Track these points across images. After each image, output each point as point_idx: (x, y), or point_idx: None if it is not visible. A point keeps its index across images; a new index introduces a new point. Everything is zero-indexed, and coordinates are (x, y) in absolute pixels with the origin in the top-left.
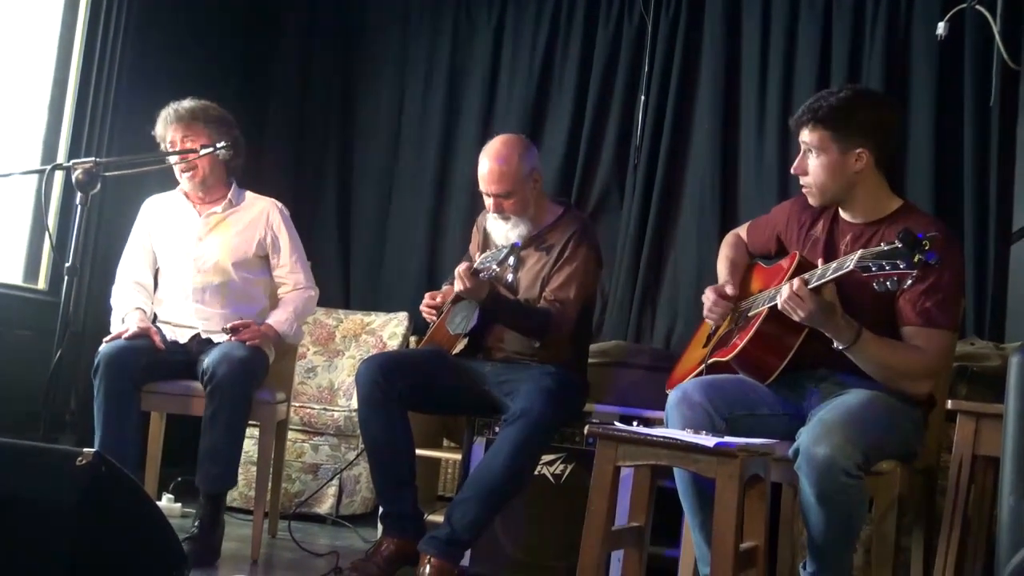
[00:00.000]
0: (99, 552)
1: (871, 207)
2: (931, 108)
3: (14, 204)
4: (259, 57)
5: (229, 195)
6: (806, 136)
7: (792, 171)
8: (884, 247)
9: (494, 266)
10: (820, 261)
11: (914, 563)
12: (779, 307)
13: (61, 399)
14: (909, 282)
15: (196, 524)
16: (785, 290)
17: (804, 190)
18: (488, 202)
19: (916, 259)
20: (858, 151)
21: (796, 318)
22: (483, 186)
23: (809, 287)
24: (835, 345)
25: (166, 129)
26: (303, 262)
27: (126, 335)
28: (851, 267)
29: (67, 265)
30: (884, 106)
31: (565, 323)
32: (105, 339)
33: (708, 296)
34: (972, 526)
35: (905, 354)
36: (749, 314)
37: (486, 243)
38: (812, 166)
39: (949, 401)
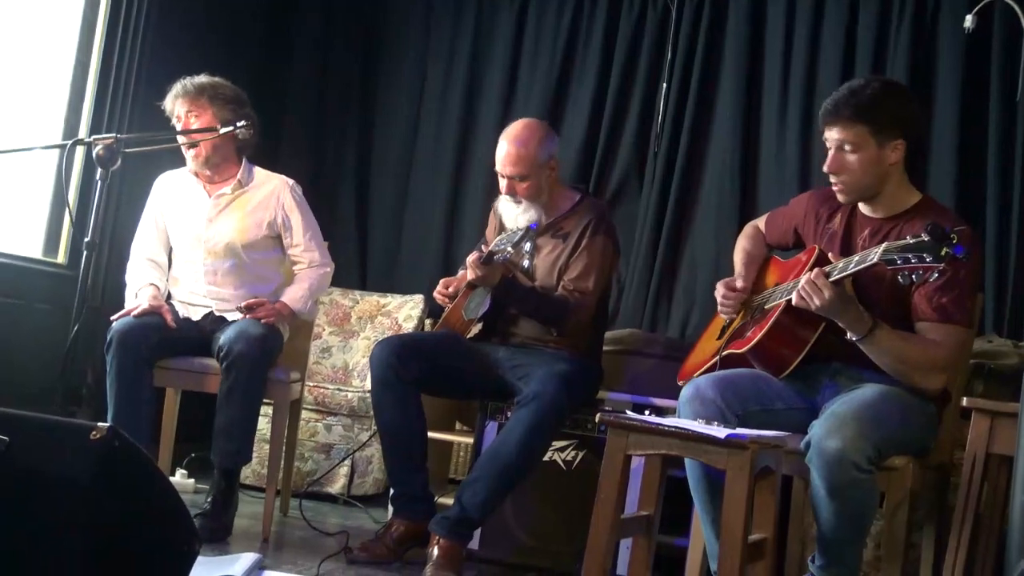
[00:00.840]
0: (111, 525)
1: (893, 202)
2: (956, 101)
3: (35, 179)
4: (280, 38)
5: (239, 175)
6: (839, 132)
7: (825, 169)
8: (910, 240)
9: (509, 248)
10: (837, 254)
11: (924, 560)
12: (795, 298)
13: (78, 373)
14: (935, 275)
15: (209, 500)
16: (803, 279)
17: (836, 188)
18: (502, 183)
19: (943, 252)
20: (895, 143)
21: (812, 307)
22: (499, 167)
23: (830, 279)
24: (848, 336)
25: (173, 103)
26: (318, 239)
27: (135, 312)
28: (875, 260)
29: (86, 240)
30: (913, 97)
31: (584, 312)
32: (114, 317)
33: (719, 290)
34: (984, 524)
35: (920, 347)
36: (766, 307)
37: (501, 227)
38: (849, 162)
39: (964, 398)
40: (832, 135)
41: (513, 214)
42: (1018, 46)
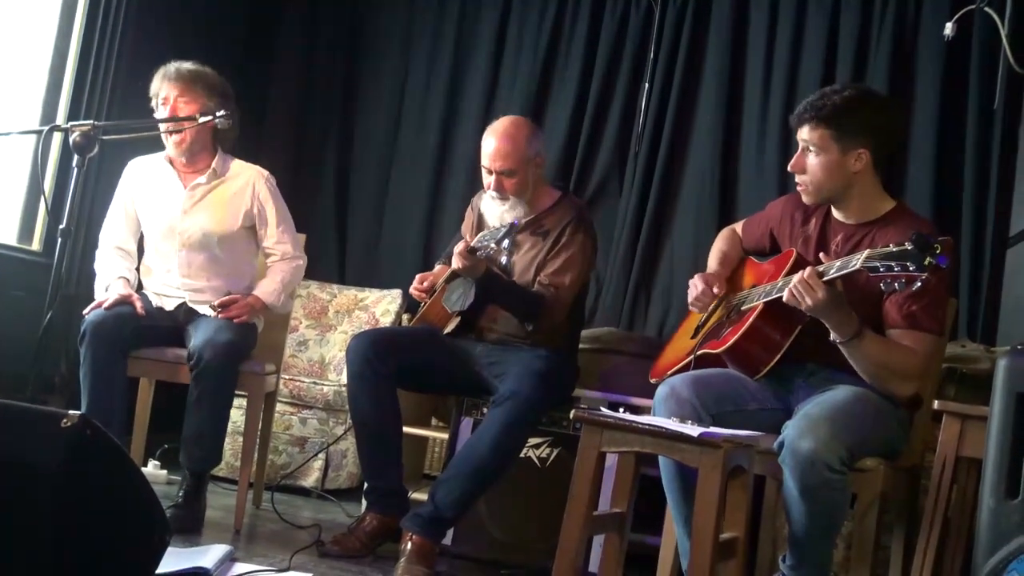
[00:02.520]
0: (81, 514)
1: (864, 208)
2: (935, 108)
3: (11, 165)
4: (263, 30)
5: (214, 164)
6: (806, 134)
7: (789, 168)
8: (893, 248)
9: (492, 244)
10: (812, 259)
11: (893, 561)
12: (787, 295)
13: (51, 361)
14: (918, 284)
15: (180, 494)
16: (796, 278)
17: (799, 188)
18: (489, 179)
19: (927, 262)
20: (859, 151)
21: (804, 306)
22: (487, 162)
23: (823, 280)
24: (832, 338)
25: (162, 84)
26: (291, 231)
27: (106, 304)
28: (857, 266)
29: (61, 227)
30: (887, 108)
31: (559, 308)
32: (85, 310)
33: (696, 284)
34: (952, 526)
35: (899, 354)
36: (743, 308)
37: (480, 224)
38: (811, 164)
39: (936, 401)
40: (800, 135)
41: (497, 211)
42: (996, 54)
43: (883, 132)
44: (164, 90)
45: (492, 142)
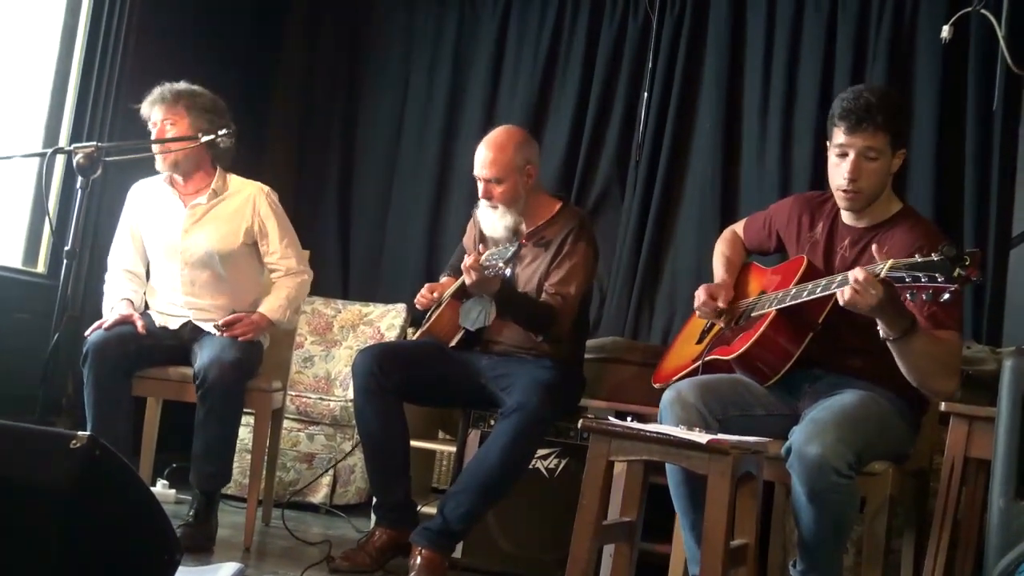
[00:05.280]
0: (91, 535)
1: (877, 210)
2: (934, 111)
3: (15, 187)
4: (264, 45)
5: (213, 184)
6: (866, 139)
7: (847, 176)
8: (919, 259)
9: (499, 263)
10: (820, 263)
11: (904, 564)
12: (849, 293)
13: (58, 383)
14: (946, 296)
15: (191, 513)
16: (855, 276)
17: (848, 196)
18: (480, 187)
19: (957, 274)
20: (901, 152)
21: (864, 306)
22: (476, 169)
23: (878, 278)
24: (883, 335)
25: (150, 109)
26: (294, 246)
27: (105, 325)
28: (882, 275)
29: (66, 249)
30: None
31: (566, 317)
32: (87, 331)
33: (700, 295)
34: (962, 529)
35: (943, 347)
36: (752, 315)
37: (481, 236)
38: (868, 170)
39: (943, 403)
40: (857, 141)
41: (491, 220)
42: (994, 56)
43: (910, 131)
44: (153, 114)
45: (482, 151)
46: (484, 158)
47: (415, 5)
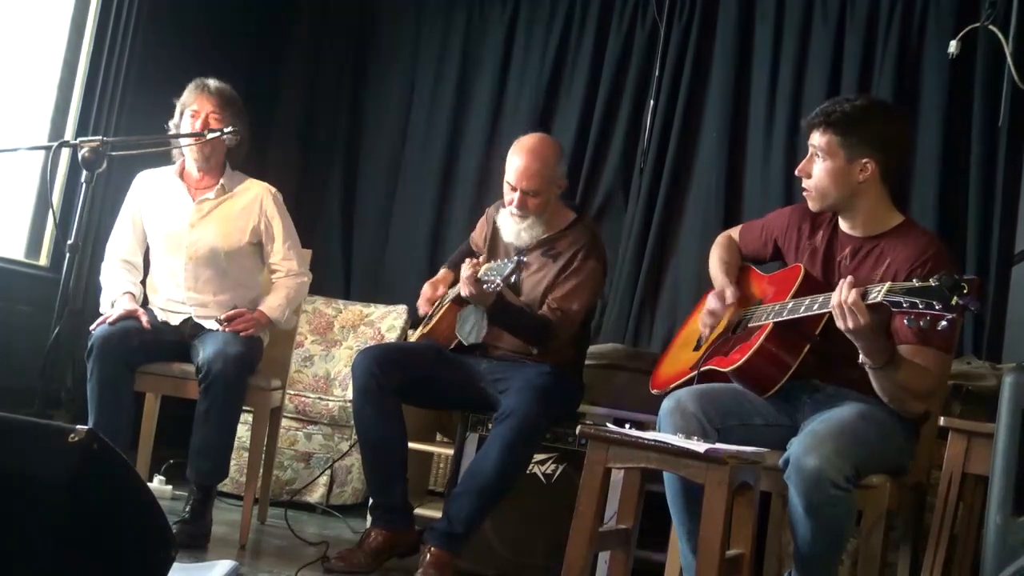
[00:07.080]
0: (87, 529)
1: (871, 221)
2: (939, 125)
3: (19, 180)
4: (271, 45)
5: (222, 180)
6: (816, 139)
7: (796, 172)
8: (916, 284)
9: (498, 280)
10: (819, 272)
11: None
12: (832, 307)
13: (57, 376)
14: (943, 324)
15: (187, 509)
16: (839, 297)
17: (804, 193)
18: (512, 196)
19: (954, 303)
20: (864, 161)
21: (846, 326)
22: (513, 179)
23: (866, 302)
24: (861, 360)
25: (197, 97)
26: (297, 248)
27: (110, 320)
28: (879, 300)
29: (69, 242)
30: (897, 120)
31: (565, 332)
32: (92, 326)
33: (710, 303)
34: (959, 543)
35: (916, 374)
36: (750, 325)
37: (494, 236)
38: (817, 170)
39: (942, 418)
40: (810, 140)
41: (515, 229)
42: (1001, 72)
43: (891, 144)
44: (198, 103)
45: (523, 158)
46: (525, 168)
47: (423, 9)
